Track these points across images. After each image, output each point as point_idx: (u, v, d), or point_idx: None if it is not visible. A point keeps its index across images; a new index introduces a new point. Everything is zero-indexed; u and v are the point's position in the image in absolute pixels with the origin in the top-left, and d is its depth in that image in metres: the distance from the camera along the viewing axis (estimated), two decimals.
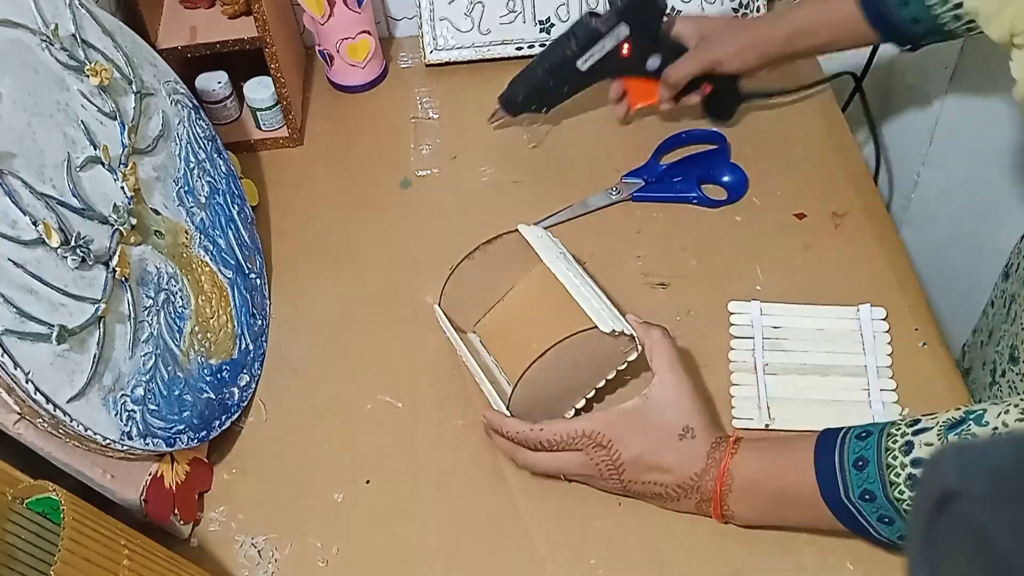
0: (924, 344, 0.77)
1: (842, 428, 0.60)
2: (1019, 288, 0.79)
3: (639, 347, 0.70)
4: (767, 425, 0.72)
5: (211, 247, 0.78)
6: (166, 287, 0.71)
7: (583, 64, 0.86)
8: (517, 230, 0.76)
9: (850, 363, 0.76)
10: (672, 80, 0.87)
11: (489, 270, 0.76)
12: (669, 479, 0.64)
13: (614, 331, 0.67)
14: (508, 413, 0.67)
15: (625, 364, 0.71)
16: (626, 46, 0.85)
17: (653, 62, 0.87)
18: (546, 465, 0.67)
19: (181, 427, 0.68)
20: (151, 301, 0.69)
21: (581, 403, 0.72)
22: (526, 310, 0.78)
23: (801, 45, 0.84)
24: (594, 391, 0.73)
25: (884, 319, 0.78)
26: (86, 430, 0.59)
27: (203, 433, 0.70)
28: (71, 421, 0.58)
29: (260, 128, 0.99)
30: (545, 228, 0.87)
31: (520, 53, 1.04)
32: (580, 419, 0.66)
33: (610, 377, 0.72)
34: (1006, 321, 0.80)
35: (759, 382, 0.75)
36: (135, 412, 0.64)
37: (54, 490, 0.53)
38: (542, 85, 0.88)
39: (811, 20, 0.83)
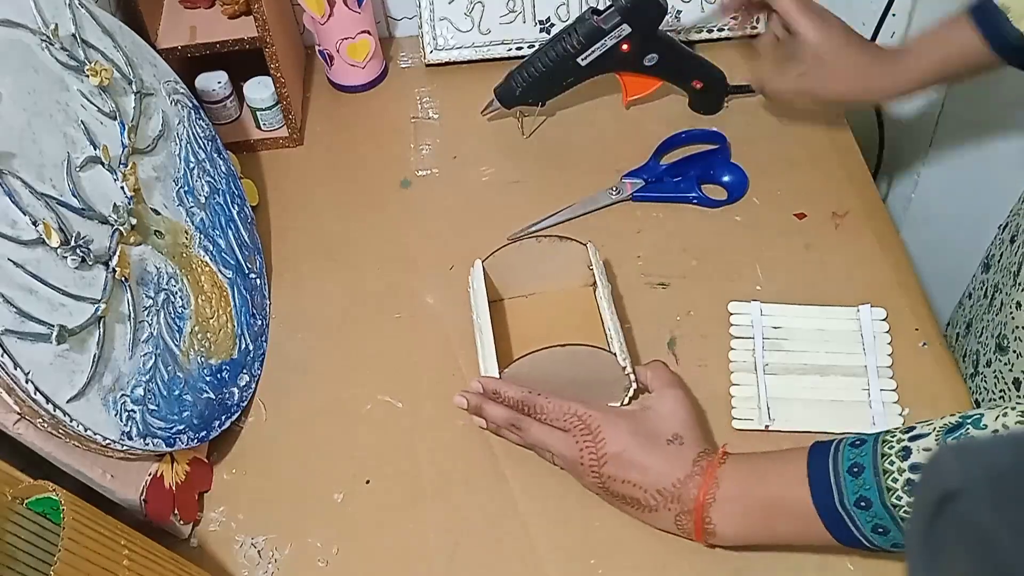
0: (924, 344, 0.77)
1: (835, 439, 0.60)
2: (1002, 278, 0.79)
3: (630, 394, 0.72)
4: (767, 425, 0.72)
5: (211, 247, 0.78)
6: (166, 287, 0.71)
7: (584, 60, 0.90)
8: (586, 245, 0.78)
9: (850, 363, 0.76)
10: (770, 92, 0.88)
11: (542, 262, 0.78)
12: (649, 482, 0.64)
13: (622, 366, 0.69)
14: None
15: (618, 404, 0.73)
16: (626, 44, 0.89)
17: (651, 59, 0.91)
18: (537, 435, 0.68)
19: (181, 427, 0.68)
20: (151, 301, 0.69)
21: None
22: (551, 314, 0.79)
23: (931, 84, 0.80)
24: None
25: (884, 319, 0.78)
26: (86, 430, 0.59)
27: (203, 433, 0.70)
28: (71, 421, 0.58)
29: (260, 128, 0.99)
30: (545, 228, 0.88)
31: (520, 53, 1.04)
32: (576, 401, 0.67)
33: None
34: (988, 311, 0.80)
35: (759, 382, 0.75)
36: (135, 412, 0.64)
37: (54, 490, 0.53)
38: (541, 79, 0.91)
39: (949, 61, 0.77)
